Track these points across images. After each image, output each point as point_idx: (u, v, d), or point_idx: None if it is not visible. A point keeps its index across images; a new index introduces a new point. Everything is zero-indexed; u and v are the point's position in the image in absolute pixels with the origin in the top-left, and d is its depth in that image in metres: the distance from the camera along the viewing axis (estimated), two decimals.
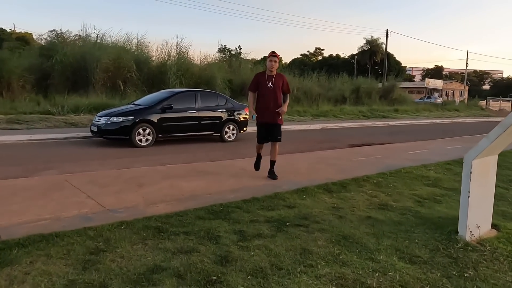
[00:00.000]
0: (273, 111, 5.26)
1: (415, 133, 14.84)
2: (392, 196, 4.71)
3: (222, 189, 4.63)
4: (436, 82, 53.25)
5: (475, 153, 3.47)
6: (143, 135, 8.99)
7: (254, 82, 5.37)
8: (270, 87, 5.24)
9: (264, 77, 5.31)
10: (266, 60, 5.40)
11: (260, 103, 5.33)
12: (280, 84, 5.33)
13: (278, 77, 5.34)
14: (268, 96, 5.24)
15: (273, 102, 5.26)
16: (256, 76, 5.46)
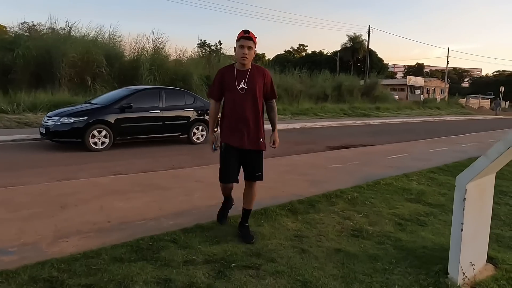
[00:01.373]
0: (250, 131, 3.13)
1: (396, 133, 14.28)
2: (369, 217, 3.97)
3: (163, 212, 3.80)
4: (418, 79, 53.27)
5: (471, 174, 2.74)
6: (98, 137, 8.06)
7: (217, 83, 3.21)
8: (242, 89, 3.09)
9: (232, 73, 3.13)
10: (235, 45, 3.11)
11: (228, 116, 3.17)
12: (260, 83, 3.15)
13: (256, 73, 3.17)
14: (240, 105, 3.10)
15: (250, 114, 3.12)
16: (220, 73, 3.23)
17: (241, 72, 3.11)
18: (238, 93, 3.08)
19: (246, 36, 3.02)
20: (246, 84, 3.08)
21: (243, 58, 3.04)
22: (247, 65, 3.11)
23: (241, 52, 3.02)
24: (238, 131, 3.10)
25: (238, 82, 3.08)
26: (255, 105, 3.11)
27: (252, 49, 3.04)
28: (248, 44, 3.01)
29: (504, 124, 21.20)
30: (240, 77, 3.09)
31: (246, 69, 3.12)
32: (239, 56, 3.05)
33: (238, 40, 3.05)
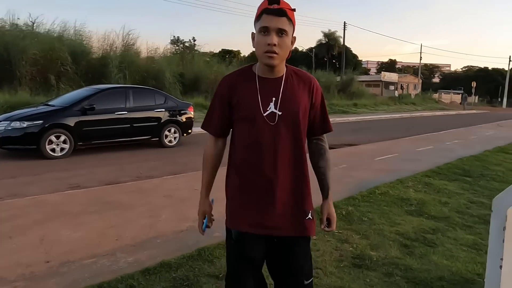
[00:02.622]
0: (287, 199, 1.53)
1: (377, 130, 13.91)
2: (370, 239, 3.37)
3: (121, 243, 3.07)
4: (392, 75, 53.76)
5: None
6: (56, 143, 7.16)
7: (219, 103, 1.59)
8: (273, 116, 1.50)
9: (251, 84, 1.53)
10: (255, 28, 1.48)
11: (241, 170, 1.56)
12: (305, 103, 1.55)
13: (298, 84, 1.55)
14: (267, 147, 1.50)
15: (288, 167, 1.53)
16: (225, 84, 1.58)
17: (269, 82, 1.51)
18: (264, 123, 1.48)
19: (273, 9, 1.40)
20: (280, 107, 1.49)
21: (268, 54, 1.42)
22: (279, 68, 1.50)
23: (264, 42, 1.41)
24: (262, 200, 1.51)
25: (263, 102, 1.49)
26: (297, 148, 1.52)
27: (288, 34, 1.43)
28: (278, 23, 1.40)
29: (480, 119, 21.34)
30: (268, 92, 1.50)
31: (278, 77, 1.52)
32: (260, 50, 1.44)
33: (259, 17, 1.44)
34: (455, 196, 4.87)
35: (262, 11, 1.41)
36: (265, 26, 1.40)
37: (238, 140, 1.56)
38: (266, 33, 1.41)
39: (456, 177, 5.93)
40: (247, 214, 1.52)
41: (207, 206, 1.67)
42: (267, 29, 1.40)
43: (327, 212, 1.66)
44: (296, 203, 1.53)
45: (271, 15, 1.39)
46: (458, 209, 4.34)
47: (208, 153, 1.64)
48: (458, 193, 5.02)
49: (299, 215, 1.54)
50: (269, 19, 1.40)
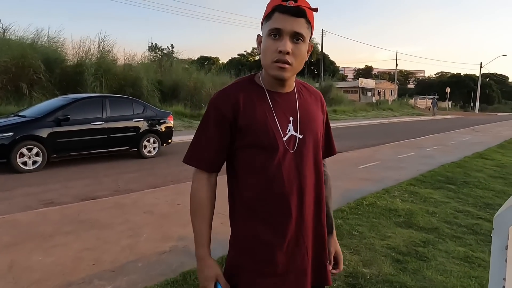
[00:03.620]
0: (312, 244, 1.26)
1: (358, 136, 13.98)
2: (361, 254, 3.25)
3: (98, 268, 2.83)
4: (369, 81, 54.74)
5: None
6: (28, 156, 6.80)
7: (214, 125, 1.19)
8: (293, 141, 1.20)
9: (261, 100, 1.20)
10: (262, 30, 1.19)
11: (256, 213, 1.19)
12: (320, 122, 1.31)
13: (310, 100, 1.30)
14: (290, 182, 1.17)
15: (313, 206, 1.25)
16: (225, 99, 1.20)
17: (281, 98, 1.22)
18: (286, 151, 1.18)
19: (289, 7, 1.10)
20: (300, 128, 1.22)
21: (279, 65, 1.13)
22: (290, 81, 1.24)
23: (275, 49, 1.13)
24: (290, 250, 1.20)
25: (281, 123, 1.19)
26: (319, 180, 1.27)
27: (305, 41, 1.15)
28: (294, 25, 1.11)
29: (455, 124, 21.84)
30: (283, 111, 1.21)
31: (290, 91, 1.25)
32: (269, 58, 1.15)
33: (269, 16, 1.14)
34: (441, 205, 4.84)
35: (274, 8, 1.11)
36: (277, 28, 1.10)
37: (248, 174, 1.17)
38: (277, 37, 1.11)
39: (440, 185, 5.94)
40: (274, 273, 1.17)
41: (217, 267, 1.20)
42: (280, 32, 1.10)
43: (335, 250, 1.40)
44: (318, 249, 1.27)
45: (285, 14, 1.09)
46: (446, 219, 4.30)
47: (203, 196, 1.20)
48: (444, 202, 5.00)
49: (320, 263, 1.28)
50: (283, 19, 1.09)
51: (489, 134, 16.00)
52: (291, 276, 1.19)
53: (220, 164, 1.22)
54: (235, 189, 1.22)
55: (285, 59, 1.12)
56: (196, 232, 1.21)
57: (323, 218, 1.28)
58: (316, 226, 1.26)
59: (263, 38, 1.16)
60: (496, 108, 60.34)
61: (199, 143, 1.21)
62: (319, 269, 1.28)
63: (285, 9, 1.10)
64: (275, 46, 1.11)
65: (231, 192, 1.25)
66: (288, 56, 1.11)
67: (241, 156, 1.19)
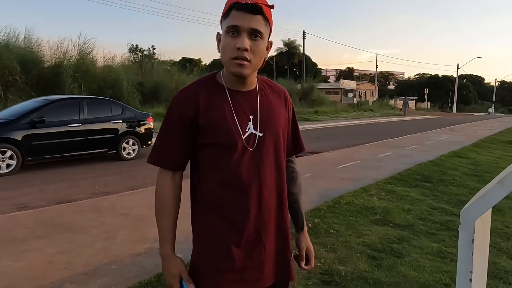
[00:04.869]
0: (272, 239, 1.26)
1: (339, 137, 14.14)
2: (337, 252, 3.29)
3: (70, 272, 2.77)
4: (350, 83, 55.40)
5: (482, 209, 2.14)
6: (1, 159, 6.62)
7: (176, 124, 1.19)
8: (252, 139, 1.20)
9: (221, 98, 1.20)
10: (221, 28, 1.17)
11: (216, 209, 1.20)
12: (283, 120, 1.30)
13: (273, 97, 1.29)
14: (248, 180, 1.18)
15: (274, 201, 1.25)
16: (186, 99, 1.19)
17: (242, 96, 1.22)
18: (244, 149, 1.18)
19: (246, 4, 1.10)
20: (260, 126, 1.21)
21: (238, 61, 1.13)
22: (251, 78, 1.23)
23: (233, 46, 1.12)
24: (248, 246, 1.21)
25: (240, 121, 1.19)
26: (280, 178, 1.27)
27: (263, 38, 1.15)
28: (252, 22, 1.11)
29: (433, 124, 22.33)
30: (243, 109, 1.21)
31: (252, 89, 1.24)
32: (227, 55, 1.15)
33: (227, 14, 1.15)
34: (417, 202, 4.93)
35: (231, 6, 1.12)
36: (235, 25, 1.10)
37: (208, 172, 1.19)
38: (235, 34, 1.11)
39: (416, 183, 6.06)
40: (232, 269, 1.18)
41: (180, 264, 1.21)
42: (237, 29, 1.11)
43: (306, 247, 1.39)
44: (280, 245, 1.28)
45: (242, 11, 1.10)
46: (421, 216, 4.38)
47: (167, 194, 1.21)
48: (419, 199, 5.10)
49: (283, 258, 1.29)
50: (240, 16, 1.10)
51: (465, 133, 16.42)
52: (248, 271, 1.21)
53: (184, 162, 1.22)
54: (196, 186, 1.23)
55: (244, 56, 1.12)
56: (160, 231, 1.22)
57: (285, 214, 1.29)
58: (279, 222, 1.27)
59: (222, 36, 1.16)
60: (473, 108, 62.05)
61: (162, 143, 1.22)
62: (282, 264, 1.29)
63: (242, 7, 1.10)
64: (234, 43, 1.11)
65: (193, 190, 1.25)
66: (247, 53, 1.12)
67: (202, 154, 1.20)
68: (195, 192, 1.24)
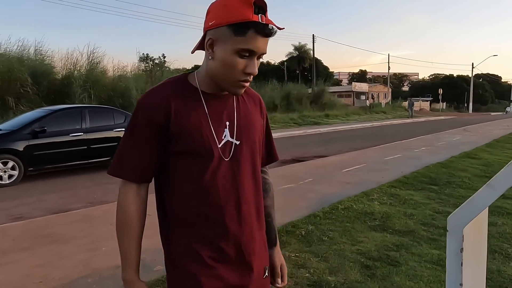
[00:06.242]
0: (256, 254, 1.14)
1: (348, 140, 13.88)
2: (329, 261, 3.11)
3: (44, 286, 2.68)
4: (362, 85, 54.89)
5: (470, 214, 1.95)
6: (3, 170, 6.65)
7: (143, 129, 1.05)
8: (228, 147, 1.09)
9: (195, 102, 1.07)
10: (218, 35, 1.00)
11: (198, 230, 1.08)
12: (260, 127, 1.20)
13: (249, 104, 1.19)
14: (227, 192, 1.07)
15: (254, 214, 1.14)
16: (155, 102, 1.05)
17: (218, 101, 1.11)
18: (220, 158, 1.07)
19: (264, 27, 0.98)
20: (237, 134, 1.11)
21: (244, 84, 1.06)
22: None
23: (242, 68, 1.02)
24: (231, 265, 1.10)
25: (216, 128, 1.08)
26: (258, 189, 1.17)
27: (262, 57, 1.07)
28: (265, 46, 1.03)
29: (448, 125, 21.82)
30: (219, 115, 1.10)
31: (227, 93, 1.12)
32: (233, 76, 1.03)
33: (241, 31, 0.97)
34: (420, 206, 4.71)
35: (247, 24, 0.96)
36: (251, 50, 0.99)
37: (180, 184, 1.06)
38: (247, 56, 1.01)
39: (422, 186, 5.81)
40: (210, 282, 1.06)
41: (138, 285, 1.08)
42: (252, 53, 1.01)
43: (280, 263, 1.27)
44: (262, 261, 1.18)
45: (260, 34, 0.98)
46: (423, 220, 4.17)
47: (131, 210, 1.06)
48: (424, 203, 4.87)
49: (259, 274, 1.17)
50: (257, 40, 0.99)
51: (479, 133, 15.94)
52: None
53: (150, 173, 1.08)
54: (166, 201, 1.10)
55: (250, 80, 1.06)
56: (123, 253, 1.07)
57: (263, 229, 1.20)
58: (259, 237, 1.16)
59: (227, 50, 1.00)
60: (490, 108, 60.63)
61: (125, 151, 1.07)
62: (259, 283, 1.18)
63: (261, 30, 0.98)
64: (243, 65, 1.02)
65: (161, 205, 1.11)
66: (250, 79, 1.06)
67: (172, 164, 1.07)
68: (164, 207, 1.11)
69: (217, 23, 0.99)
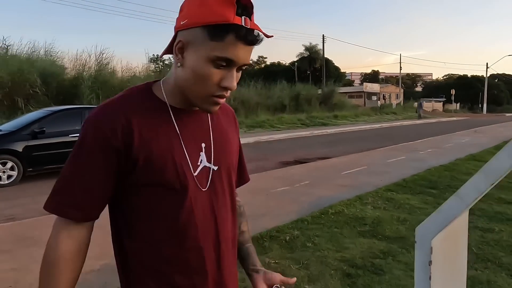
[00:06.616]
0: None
1: (353, 141, 13.69)
2: (310, 269, 3.01)
3: None
4: (374, 86, 54.33)
5: (438, 225, 1.83)
6: (2, 170, 6.70)
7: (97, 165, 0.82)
8: (206, 174, 0.91)
9: (158, 121, 0.87)
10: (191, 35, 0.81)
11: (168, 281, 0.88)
12: (236, 147, 1.04)
13: (222, 116, 1.01)
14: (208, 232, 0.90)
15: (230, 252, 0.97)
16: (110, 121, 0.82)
17: (189, 117, 0.91)
18: (196, 189, 0.89)
19: (248, 33, 0.80)
20: (215, 157, 0.94)
21: (218, 100, 0.86)
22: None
23: (216, 81, 0.83)
24: None
25: (190, 152, 0.89)
26: (234, 222, 1.00)
27: None
28: (248, 56, 0.84)
29: (459, 126, 21.38)
30: (192, 136, 0.91)
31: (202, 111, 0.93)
32: (206, 90, 0.84)
33: (219, 35, 0.79)
34: (416, 211, 4.56)
35: (227, 27, 0.77)
36: (230, 59, 0.80)
37: (146, 224, 0.86)
38: (225, 67, 0.81)
39: (421, 189, 5.65)
40: None
41: None
42: (231, 64, 0.81)
43: (280, 278, 1.02)
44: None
45: (242, 42, 0.79)
46: (416, 226, 4.01)
47: (67, 258, 0.82)
48: (420, 208, 4.72)
49: None
50: (238, 48, 0.79)
51: (490, 135, 15.55)
52: None
53: (97, 210, 0.85)
54: (126, 245, 0.88)
55: (226, 96, 0.85)
56: None
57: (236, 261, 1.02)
58: (234, 280, 0.99)
59: (200, 57, 0.80)
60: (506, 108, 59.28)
61: (67, 181, 0.83)
62: None
63: (244, 36, 0.78)
64: (218, 78, 0.81)
65: (120, 249, 0.89)
66: (228, 93, 0.85)
67: (135, 201, 0.86)
68: (124, 251, 0.88)
69: (190, 22, 0.80)
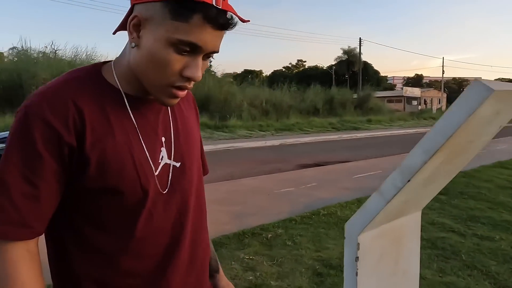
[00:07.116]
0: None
1: (381, 146, 13.36)
2: (283, 266, 3.04)
3: None
4: (414, 90, 52.52)
5: (363, 221, 1.83)
6: None
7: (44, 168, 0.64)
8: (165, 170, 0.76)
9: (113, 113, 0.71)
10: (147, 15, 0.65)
11: None
12: (198, 138, 0.90)
13: (182, 103, 0.85)
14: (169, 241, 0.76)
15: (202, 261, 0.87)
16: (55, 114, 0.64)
17: (147, 107, 0.76)
18: (156, 192, 0.75)
19: (221, 15, 0.65)
20: (176, 153, 0.79)
21: (178, 92, 0.72)
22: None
23: (176, 70, 0.68)
24: None
25: (151, 147, 0.75)
26: (202, 224, 0.87)
27: None
28: (218, 42, 0.69)
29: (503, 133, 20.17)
30: (151, 129, 0.76)
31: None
32: (164, 79, 0.69)
33: (184, 14, 0.63)
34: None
35: (195, 6, 0.63)
36: (195, 44, 0.66)
37: (99, 234, 0.72)
38: (188, 53, 0.67)
39: None
40: None
41: None
42: (196, 49, 0.67)
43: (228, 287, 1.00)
44: None
45: (211, 25, 0.65)
46: None
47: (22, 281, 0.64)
48: (422, 213, 4.57)
49: None
50: (207, 32, 0.66)
51: None
52: None
53: (45, 220, 0.68)
54: (70, 258, 0.72)
55: (189, 87, 0.72)
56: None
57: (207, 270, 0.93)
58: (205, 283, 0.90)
59: (159, 38, 0.66)
60: None
61: (7, 193, 0.64)
62: None
63: (212, 17, 0.65)
64: (180, 65, 0.68)
65: (58, 267, 0.74)
66: (192, 83, 0.72)
67: (83, 206, 0.71)
68: (66, 272, 0.73)
69: (148, 3, 0.66)
